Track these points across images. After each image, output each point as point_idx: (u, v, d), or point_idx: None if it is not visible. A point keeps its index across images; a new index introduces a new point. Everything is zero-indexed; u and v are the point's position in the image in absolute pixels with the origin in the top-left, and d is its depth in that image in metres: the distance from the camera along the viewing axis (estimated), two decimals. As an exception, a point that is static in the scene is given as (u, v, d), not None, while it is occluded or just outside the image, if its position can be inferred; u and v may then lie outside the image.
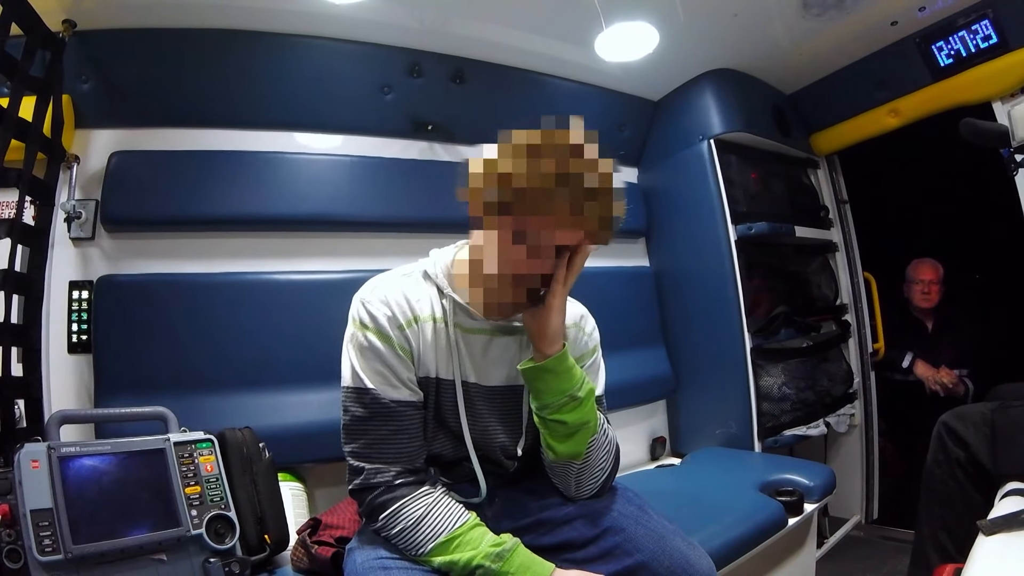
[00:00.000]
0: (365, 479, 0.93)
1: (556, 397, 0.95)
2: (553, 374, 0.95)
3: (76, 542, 0.99)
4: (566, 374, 0.96)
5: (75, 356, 1.55)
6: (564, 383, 0.95)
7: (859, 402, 2.60)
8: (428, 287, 1.01)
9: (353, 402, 0.95)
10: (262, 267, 1.72)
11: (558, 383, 0.95)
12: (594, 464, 1.03)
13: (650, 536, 0.96)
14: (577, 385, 0.96)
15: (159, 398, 1.38)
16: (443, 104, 1.98)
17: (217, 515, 1.15)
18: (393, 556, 0.93)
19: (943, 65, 2.05)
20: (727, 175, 2.23)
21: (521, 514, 1.06)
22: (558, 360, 0.95)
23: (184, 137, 1.71)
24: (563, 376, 0.95)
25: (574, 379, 0.96)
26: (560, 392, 0.95)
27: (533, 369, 0.96)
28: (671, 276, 2.41)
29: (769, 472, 1.85)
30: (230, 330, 1.60)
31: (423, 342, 0.97)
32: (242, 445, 1.28)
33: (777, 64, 2.31)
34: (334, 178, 1.81)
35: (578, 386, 0.96)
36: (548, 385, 0.95)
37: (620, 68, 2.12)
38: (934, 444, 1.53)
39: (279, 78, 1.76)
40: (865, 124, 2.39)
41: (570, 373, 0.96)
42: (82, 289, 1.57)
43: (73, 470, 1.05)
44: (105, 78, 1.61)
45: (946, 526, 1.45)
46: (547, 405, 0.96)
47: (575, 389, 0.96)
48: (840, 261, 2.69)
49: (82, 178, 1.60)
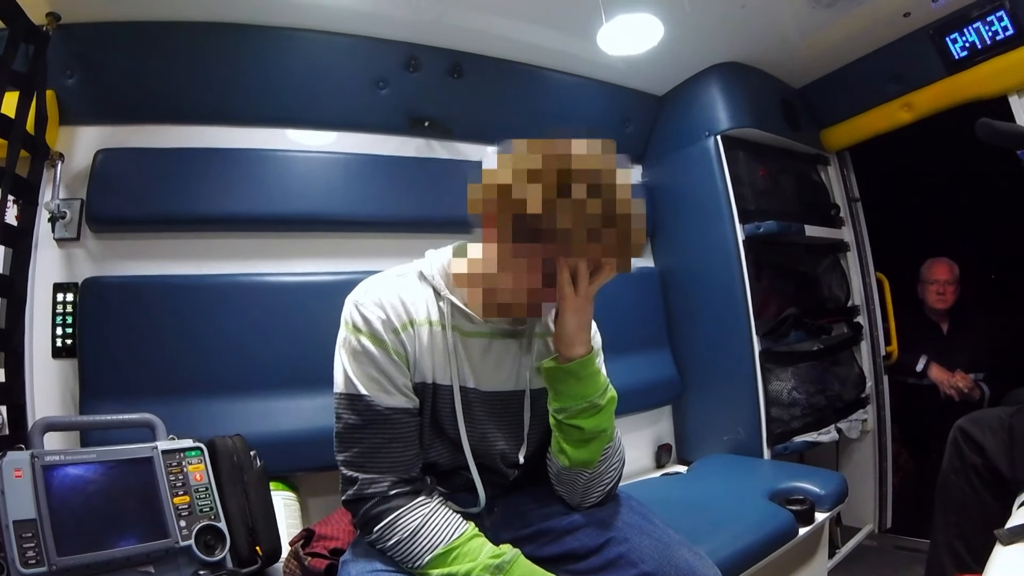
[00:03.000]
0: (359, 489, 0.93)
1: (575, 401, 0.96)
2: (574, 377, 0.95)
3: (61, 554, 0.98)
4: (589, 379, 0.96)
5: (59, 361, 1.54)
6: (586, 388, 0.96)
7: (872, 407, 2.59)
8: (424, 288, 1.01)
9: (346, 409, 0.95)
10: (253, 268, 1.72)
11: (579, 387, 0.95)
12: (604, 473, 1.03)
13: (655, 546, 0.96)
14: (599, 392, 0.97)
15: (147, 404, 1.38)
16: (440, 99, 1.97)
17: (207, 526, 1.14)
18: (389, 569, 0.93)
19: (958, 58, 2.05)
20: (734, 172, 2.23)
21: (521, 524, 1.06)
22: (581, 364, 0.95)
23: (172, 134, 1.70)
24: (585, 381, 0.96)
25: (596, 385, 0.96)
26: (580, 397, 0.95)
27: (554, 370, 0.96)
28: (677, 276, 2.41)
29: (779, 480, 1.85)
30: (220, 334, 1.60)
31: (419, 346, 0.97)
32: (232, 453, 1.27)
33: (786, 57, 2.31)
34: (327, 176, 1.81)
35: (599, 393, 0.97)
36: (568, 388, 0.96)
37: (623, 62, 2.12)
38: (950, 450, 1.53)
39: (270, 72, 1.75)
40: (877, 119, 2.39)
41: (593, 379, 0.96)
42: (67, 291, 1.56)
43: (57, 479, 1.05)
44: (91, 73, 1.61)
45: (962, 535, 1.45)
46: (565, 408, 0.96)
47: (596, 396, 0.96)
48: (852, 261, 2.69)
49: (67, 176, 1.60)
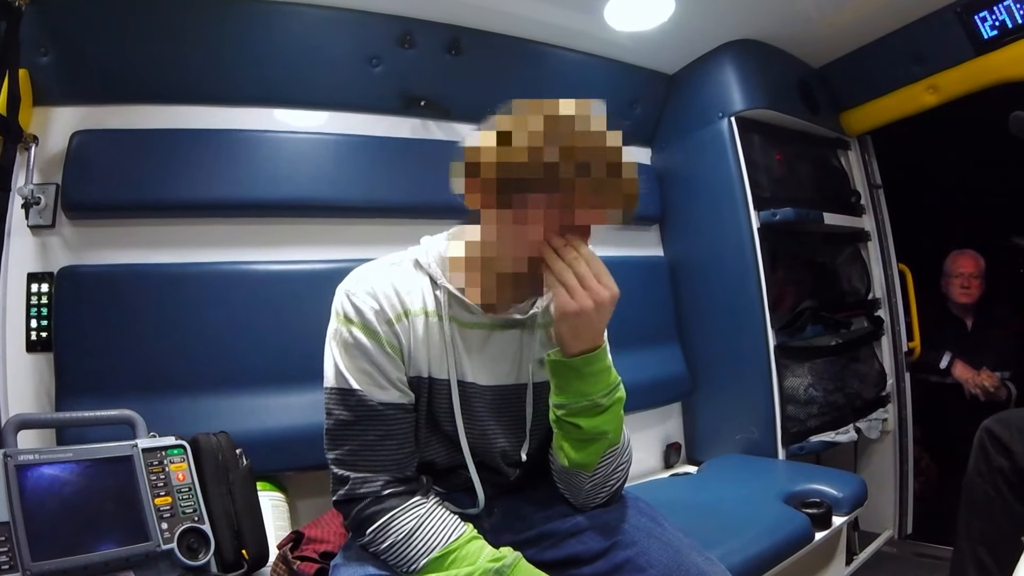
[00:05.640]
0: (350, 489, 0.92)
1: (575, 399, 0.94)
2: (575, 373, 0.93)
3: (36, 558, 0.98)
4: (592, 377, 0.94)
5: (34, 355, 1.54)
6: (588, 386, 0.94)
7: (892, 406, 2.59)
8: (420, 277, 0.99)
9: (337, 404, 0.93)
10: (239, 256, 1.71)
11: (581, 385, 0.94)
12: (609, 476, 1.02)
13: (664, 550, 0.95)
14: (603, 391, 0.94)
15: (127, 400, 1.37)
16: (437, 77, 1.96)
17: (190, 528, 1.14)
18: (383, 573, 0.92)
19: (987, 37, 2.03)
20: (749, 156, 2.21)
21: (523, 526, 1.05)
22: (586, 360, 0.93)
23: (153, 114, 1.69)
24: (588, 379, 0.94)
25: (600, 384, 0.94)
26: (581, 395, 0.94)
27: (556, 363, 0.94)
28: (687, 267, 2.40)
29: (794, 482, 1.85)
30: (204, 325, 1.60)
31: (414, 338, 0.96)
32: (217, 451, 1.26)
33: (804, 35, 2.29)
34: (318, 159, 1.80)
35: (604, 392, 0.94)
36: (570, 384, 0.94)
37: (632, 38, 2.10)
38: (975, 452, 1.53)
39: (256, 49, 1.73)
40: (900, 102, 2.37)
41: (597, 377, 0.94)
42: (41, 282, 1.55)
43: (32, 480, 1.04)
44: (66, 51, 1.59)
45: (987, 542, 1.45)
46: (564, 405, 0.95)
47: (599, 395, 0.94)
48: (872, 251, 2.68)
49: (41, 160, 1.59)
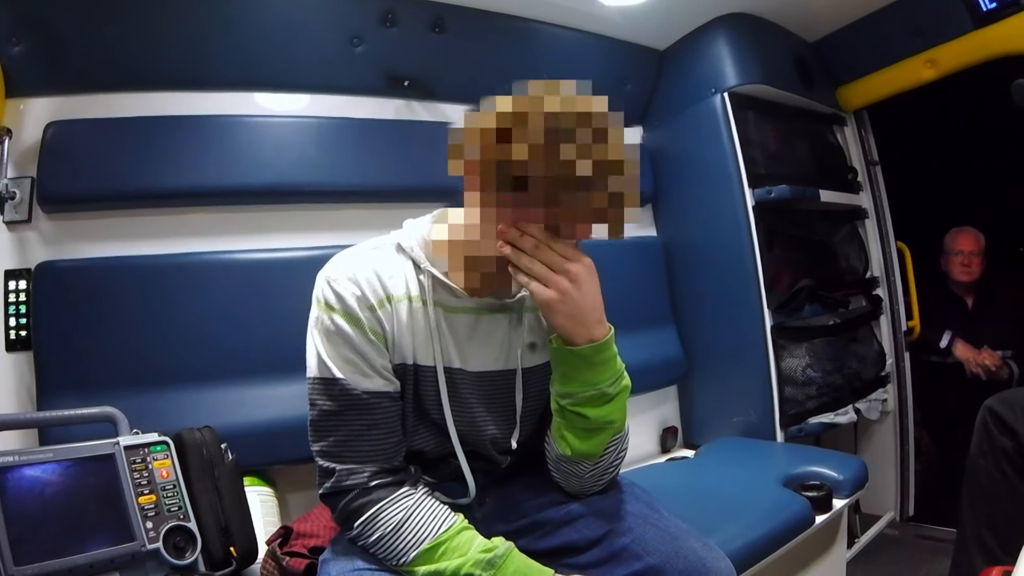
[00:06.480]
0: (336, 481, 0.91)
1: (582, 388, 0.93)
2: (585, 362, 0.92)
3: (18, 563, 0.96)
4: (602, 366, 0.93)
5: (13, 355, 1.52)
6: (597, 375, 0.93)
7: (892, 386, 2.60)
8: (402, 261, 0.98)
9: (320, 394, 0.92)
10: (221, 246, 1.69)
11: (589, 373, 0.93)
12: (608, 464, 1.02)
13: (662, 537, 0.95)
14: (610, 380, 0.93)
15: (110, 397, 1.35)
16: (421, 57, 1.93)
17: (175, 526, 1.12)
18: (372, 567, 0.91)
19: (986, 9, 2.01)
20: (743, 133, 2.19)
21: (515, 515, 1.05)
22: (595, 349, 0.91)
23: (130, 102, 1.66)
24: (598, 367, 0.93)
25: (608, 372, 0.93)
26: (588, 383, 0.93)
27: (563, 351, 0.93)
28: (681, 247, 2.39)
29: (793, 465, 1.85)
30: (186, 318, 1.58)
31: (398, 324, 0.94)
32: (202, 447, 1.25)
33: (799, 8, 2.27)
34: (300, 143, 1.77)
35: (611, 381, 0.94)
36: (576, 372, 0.93)
37: (621, 13, 2.08)
38: (978, 433, 1.53)
39: (234, 32, 1.70)
40: (898, 76, 2.36)
41: (605, 365, 0.93)
42: (19, 279, 1.53)
43: (13, 482, 1.03)
44: (39, 39, 1.55)
45: (991, 524, 1.45)
46: (570, 394, 0.94)
47: (607, 384, 0.93)
48: (870, 229, 2.67)
49: (15, 153, 1.56)
